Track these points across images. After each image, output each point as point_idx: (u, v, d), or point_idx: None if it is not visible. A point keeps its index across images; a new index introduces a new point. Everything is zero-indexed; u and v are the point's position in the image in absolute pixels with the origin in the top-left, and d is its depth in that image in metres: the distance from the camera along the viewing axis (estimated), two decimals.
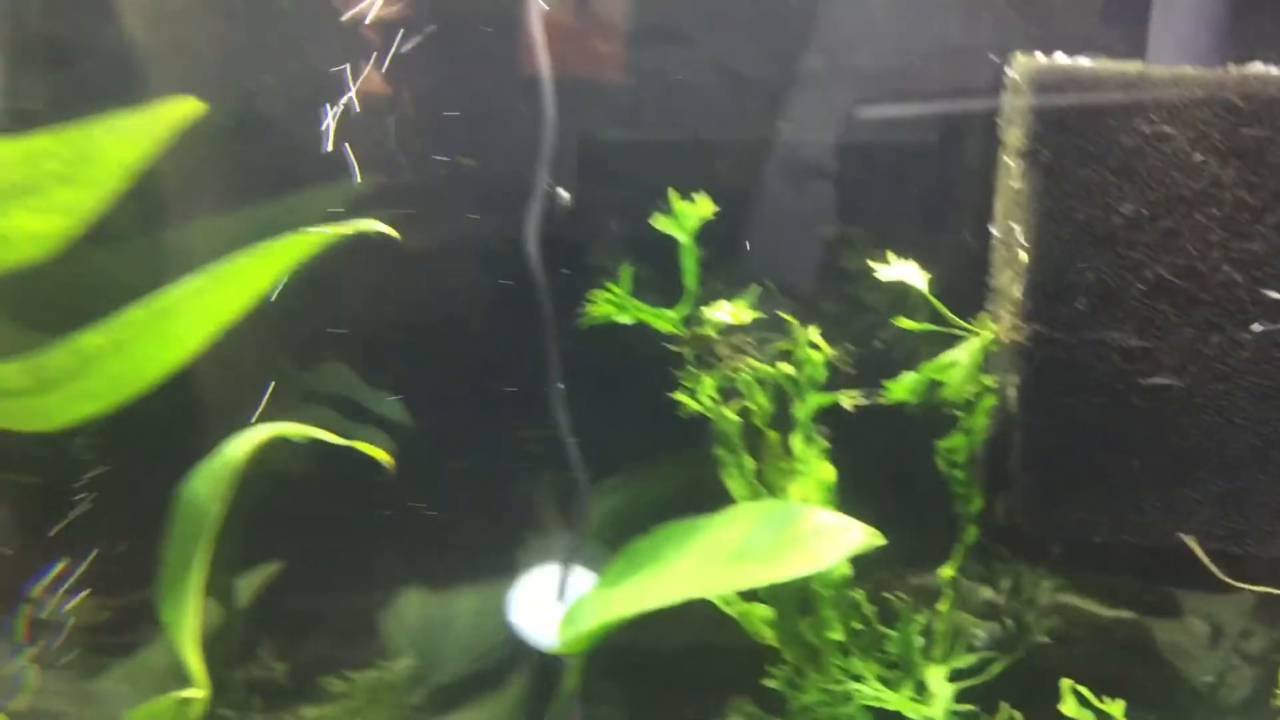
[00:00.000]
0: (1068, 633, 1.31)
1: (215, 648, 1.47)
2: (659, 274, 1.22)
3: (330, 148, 1.20)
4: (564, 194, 1.20)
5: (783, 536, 0.99)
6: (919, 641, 1.14)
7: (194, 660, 1.11)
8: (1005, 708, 1.10)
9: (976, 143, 1.19)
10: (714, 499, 1.17)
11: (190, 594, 1.11)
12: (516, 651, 1.38)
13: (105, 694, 1.41)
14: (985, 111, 1.16)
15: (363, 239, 1.26)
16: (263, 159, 1.31)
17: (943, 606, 1.15)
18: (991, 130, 1.15)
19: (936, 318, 1.07)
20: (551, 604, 1.24)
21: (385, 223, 1.05)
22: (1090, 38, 1.16)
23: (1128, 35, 1.16)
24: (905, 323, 1.05)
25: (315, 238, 1.06)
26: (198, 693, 1.04)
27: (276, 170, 1.29)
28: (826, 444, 1.12)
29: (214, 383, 1.35)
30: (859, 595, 1.14)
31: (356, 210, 1.19)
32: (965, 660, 1.15)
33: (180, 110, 0.88)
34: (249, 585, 1.46)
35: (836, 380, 1.13)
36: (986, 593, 1.24)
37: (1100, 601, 1.34)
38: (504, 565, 1.37)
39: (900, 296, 1.21)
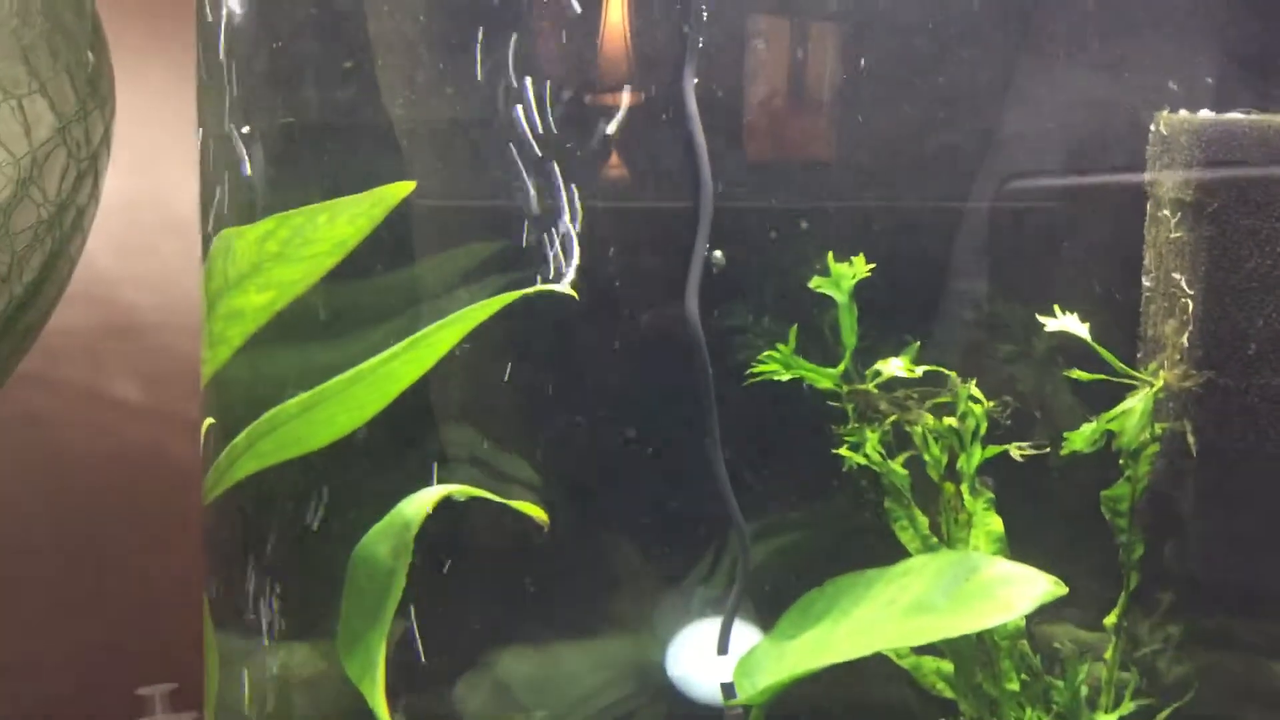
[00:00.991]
0: (1228, 680, 1.30)
1: (337, 697, 1.50)
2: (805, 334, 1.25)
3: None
4: (719, 256, 1.24)
5: (966, 587, 1.01)
6: (1084, 691, 1.15)
7: (383, 711, 1.15)
8: None
9: (1120, 199, 1.22)
10: (863, 552, 1.19)
11: (378, 649, 1.15)
12: (646, 705, 1.40)
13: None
14: (1129, 167, 1.19)
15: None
16: None
17: (1108, 655, 1.16)
18: (1137, 188, 1.18)
19: (1099, 368, 1.09)
20: (711, 658, 1.26)
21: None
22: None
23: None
24: (1077, 374, 1.07)
25: (496, 304, 1.11)
26: None
27: None
28: (992, 495, 1.14)
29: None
30: (1024, 646, 1.15)
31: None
32: (1131, 708, 1.15)
33: (397, 194, 0.93)
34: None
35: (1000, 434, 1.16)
36: (1152, 642, 1.24)
37: (1226, 649, 1.33)
38: (634, 618, 1.39)
39: (1051, 352, 1.24)
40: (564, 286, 1.09)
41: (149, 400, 2.05)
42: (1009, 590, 0.98)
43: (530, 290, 1.13)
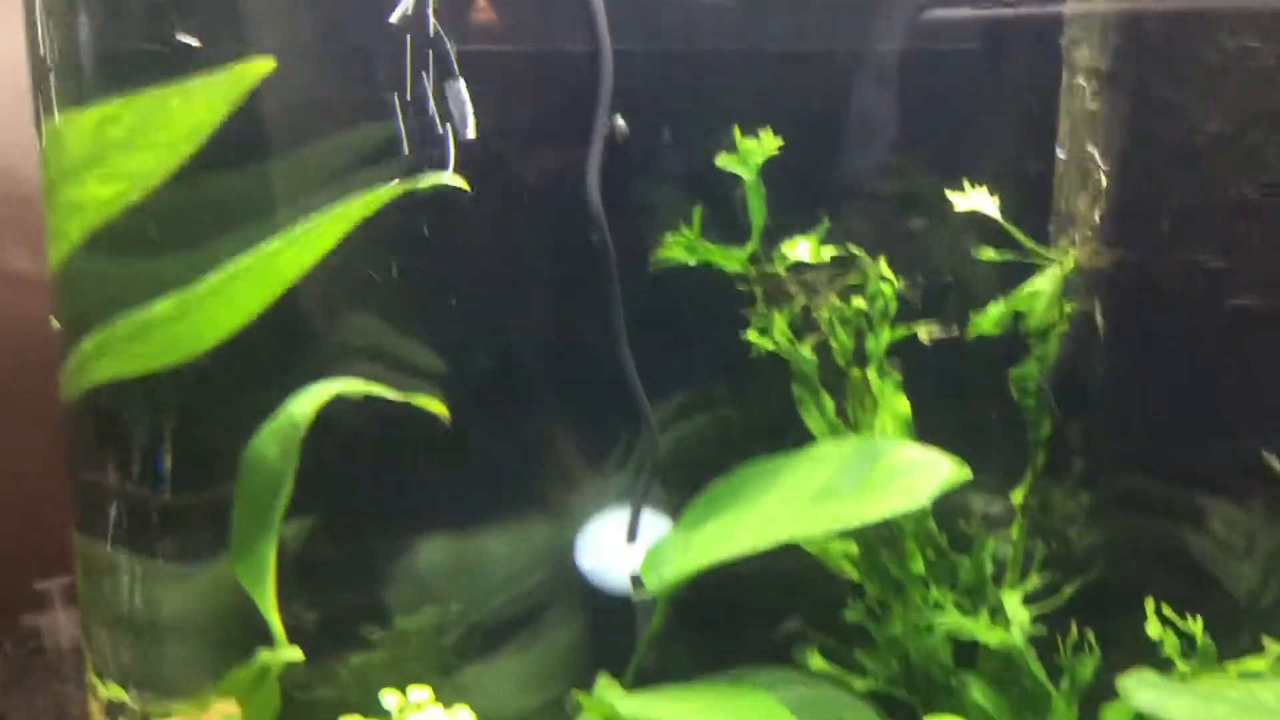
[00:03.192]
0: (1109, 549, 1.33)
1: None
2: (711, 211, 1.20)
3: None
4: (621, 124, 1.17)
5: (872, 474, 0.99)
6: (990, 568, 1.15)
7: (274, 619, 1.12)
8: (1074, 628, 1.11)
9: (1033, 64, 1.17)
10: (775, 438, 1.17)
11: (268, 555, 1.11)
12: (561, 592, 1.39)
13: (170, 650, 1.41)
14: (1041, 29, 1.14)
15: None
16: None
17: (1014, 532, 1.16)
18: (1053, 51, 1.13)
19: (1010, 245, 1.05)
20: (621, 547, 1.24)
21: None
22: None
23: None
24: (988, 254, 1.04)
25: (386, 194, 1.03)
26: (292, 654, 1.04)
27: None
28: (900, 378, 1.12)
29: (266, 341, 1.32)
30: (930, 524, 1.15)
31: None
32: (1037, 584, 1.17)
33: (255, 72, 0.85)
34: (287, 535, 1.45)
35: (906, 314, 1.13)
36: (1057, 517, 1.25)
37: (1136, 514, 1.35)
38: (544, 505, 1.36)
39: (961, 227, 1.20)
40: (453, 179, 1.01)
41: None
42: (913, 477, 0.97)
43: (417, 183, 1.05)
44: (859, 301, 1.11)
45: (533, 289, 1.30)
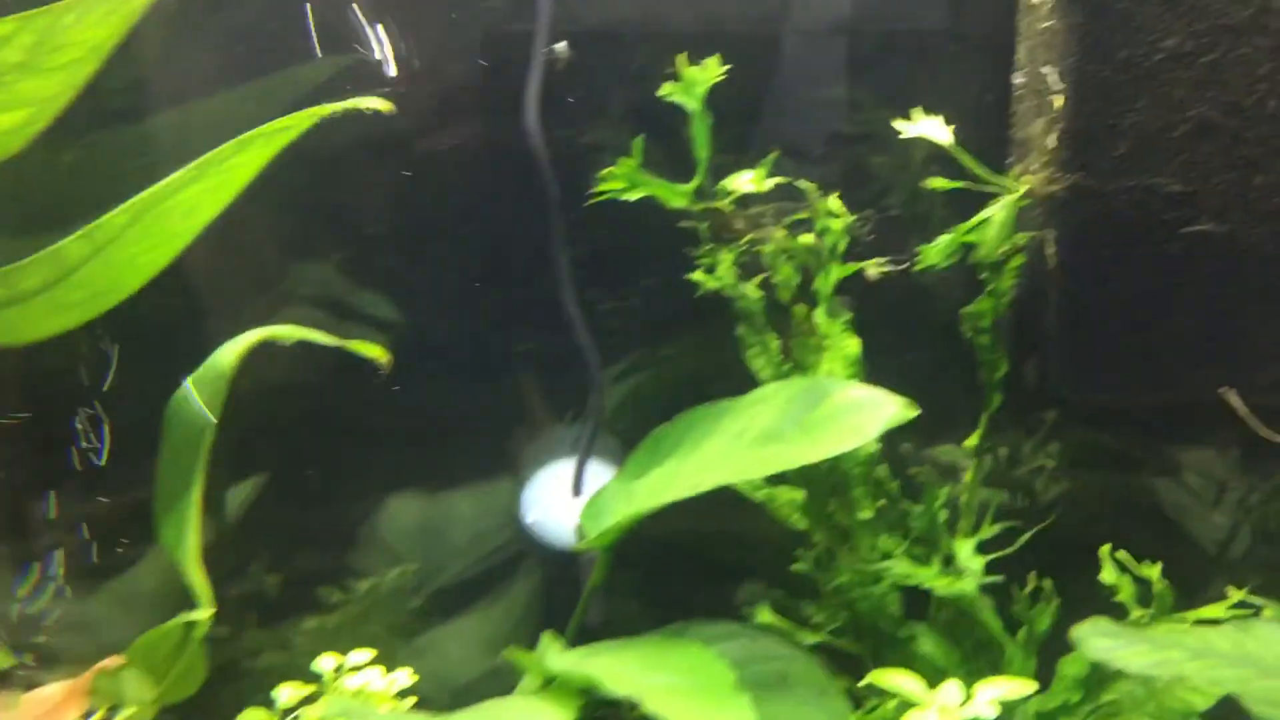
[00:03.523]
0: (1074, 499, 1.29)
1: (209, 564, 1.43)
2: (667, 151, 1.15)
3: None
4: (562, 48, 1.11)
5: (816, 414, 0.94)
6: (943, 515, 1.11)
7: (199, 579, 1.07)
8: (1032, 577, 1.07)
9: None
10: (730, 382, 1.12)
11: (190, 511, 1.05)
12: (522, 551, 1.35)
13: (100, 620, 1.37)
14: None
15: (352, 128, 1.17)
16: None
17: (968, 478, 1.12)
18: None
19: (964, 175, 1.00)
20: (567, 500, 1.20)
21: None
22: None
23: None
24: (936, 183, 0.99)
25: (302, 120, 0.97)
26: (204, 614, 1.00)
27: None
28: (850, 315, 1.07)
29: (202, 284, 1.27)
30: (882, 471, 1.11)
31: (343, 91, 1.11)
32: (991, 531, 1.12)
33: None
34: (237, 498, 1.41)
35: (857, 250, 1.08)
36: (1013, 461, 1.21)
37: (1101, 467, 1.32)
38: (507, 464, 1.32)
39: (909, 158, 1.15)
40: (378, 102, 0.95)
41: None
42: (858, 415, 0.92)
43: (340, 106, 0.99)
44: (807, 238, 1.06)
45: (474, 236, 1.25)
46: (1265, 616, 1.00)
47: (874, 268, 1.04)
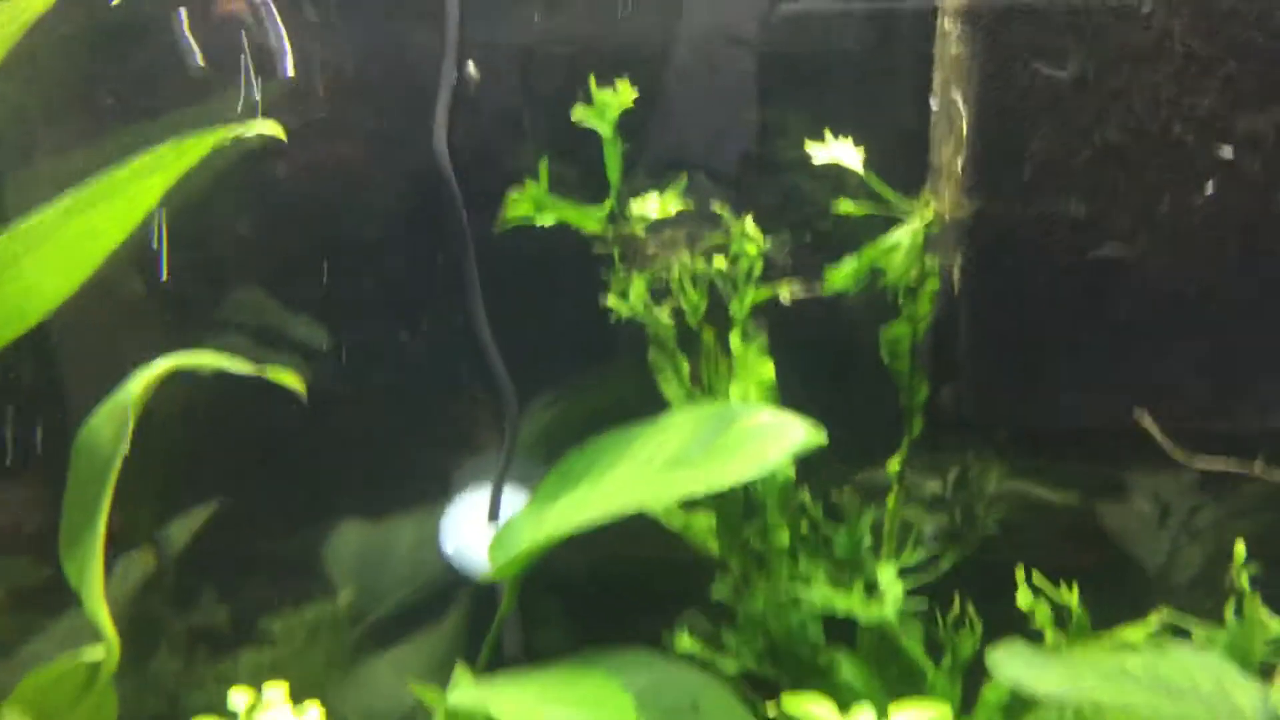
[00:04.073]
0: (1017, 522, 1.28)
1: (152, 596, 1.40)
2: (583, 176, 1.14)
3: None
4: (472, 71, 1.10)
5: (722, 440, 0.93)
6: (867, 540, 1.10)
7: (102, 615, 1.04)
8: (957, 601, 1.06)
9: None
10: (654, 408, 1.11)
11: (94, 544, 1.03)
12: (458, 579, 1.33)
13: (27, 658, 1.34)
14: None
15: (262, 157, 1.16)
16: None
17: (890, 502, 1.11)
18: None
19: (877, 201, 1.00)
20: (485, 528, 1.18)
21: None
22: None
23: None
24: (845, 206, 0.98)
25: (204, 142, 0.96)
26: (98, 653, 0.97)
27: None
28: (764, 340, 1.07)
29: (108, 324, 1.26)
30: (804, 496, 1.10)
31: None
32: (914, 556, 1.12)
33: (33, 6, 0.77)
34: (183, 529, 1.39)
35: (774, 275, 1.08)
36: (934, 486, 1.20)
37: (1048, 488, 1.31)
38: (442, 491, 1.31)
39: (839, 183, 1.15)
40: (269, 126, 0.94)
41: None
42: (764, 441, 0.91)
43: (242, 130, 0.98)
44: (720, 262, 1.05)
45: (383, 259, 1.24)
46: (1193, 639, 1.00)
47: (787, 291, 1.03)
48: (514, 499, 1.18)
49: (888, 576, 1.07)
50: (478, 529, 1.17)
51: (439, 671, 1.37)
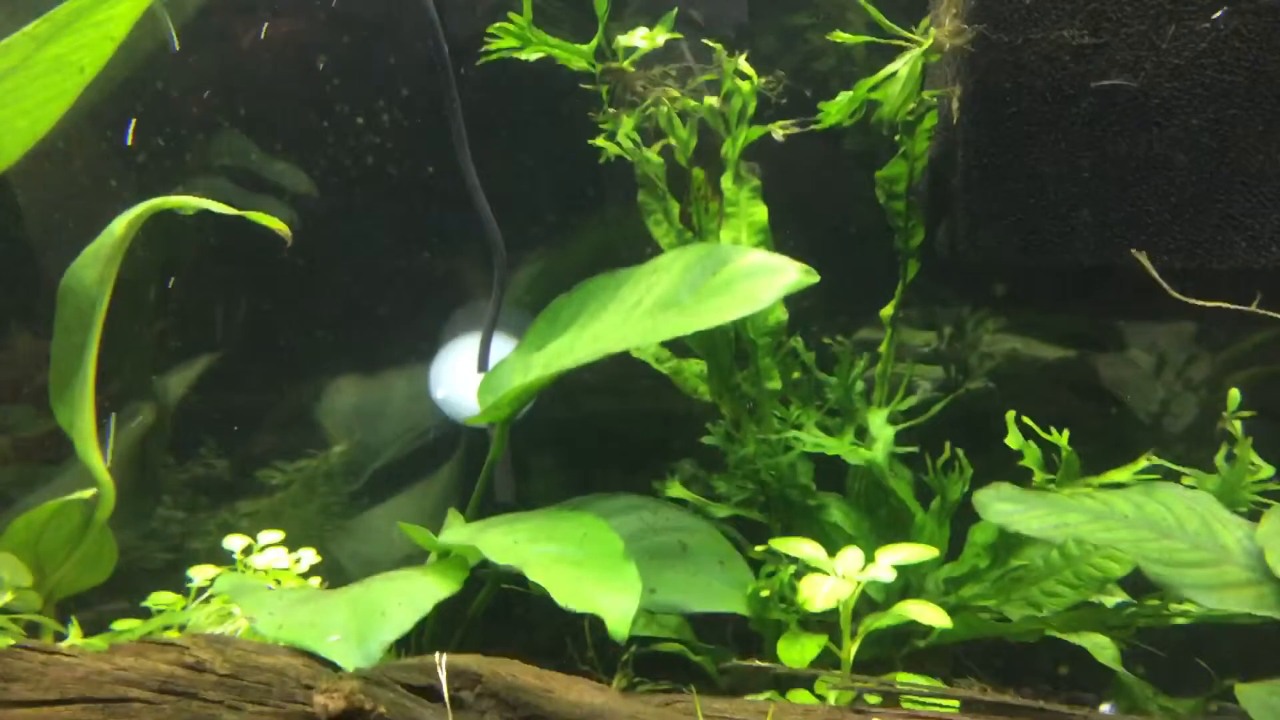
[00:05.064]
0: (1015, 374, 1.27)
1: (153, 447, 1.41)
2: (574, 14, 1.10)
3: None
4: None
5: (713, 281, 0.92)
6: (859, 386, 1.09)
7: (95, 460, 1.04)
8: (948, 447, 1.06)
9: None
10: (643, 254, 1.09)
11: (84, 387, 1.03)
12: (454, 431, 1.34)
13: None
14: None
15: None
16: None
17: (883, 348, 1.10)
18: None
19: (875, 30, 0.96)
20: (474, 375, 1.18)
21: None
22: None
23: None
24: (840, 36, 0.94)
25: None
26: (87, 494, 0.98)
27: None
28: (758, 182, 1.04)
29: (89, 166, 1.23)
30: (797, 343, 1.09)
31: None
32: (907, 403, 1.11)
33: None
34: (181, 382, 1.39)
35: (770, 114, 1.04)
36: (930, 338, 1.19)
37: (1045, 341, 1.30)
38: (434, 343, 1.30)
39: (839, 22, 1.11)
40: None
41: None
42: (755, 281, 0.89)
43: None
44: (712, 101, 1.02)
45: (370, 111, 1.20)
46: (1184, 483, 1.00)
47: (781, 130, 1.00)
48: (504, 347, 1.17)
49: (878, 421, 1.06)
50: (467, 376, 1.16)
51: (434, 519, 1.38)
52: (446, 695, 0.62)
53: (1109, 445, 1.18)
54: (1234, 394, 1.00)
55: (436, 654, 0.64)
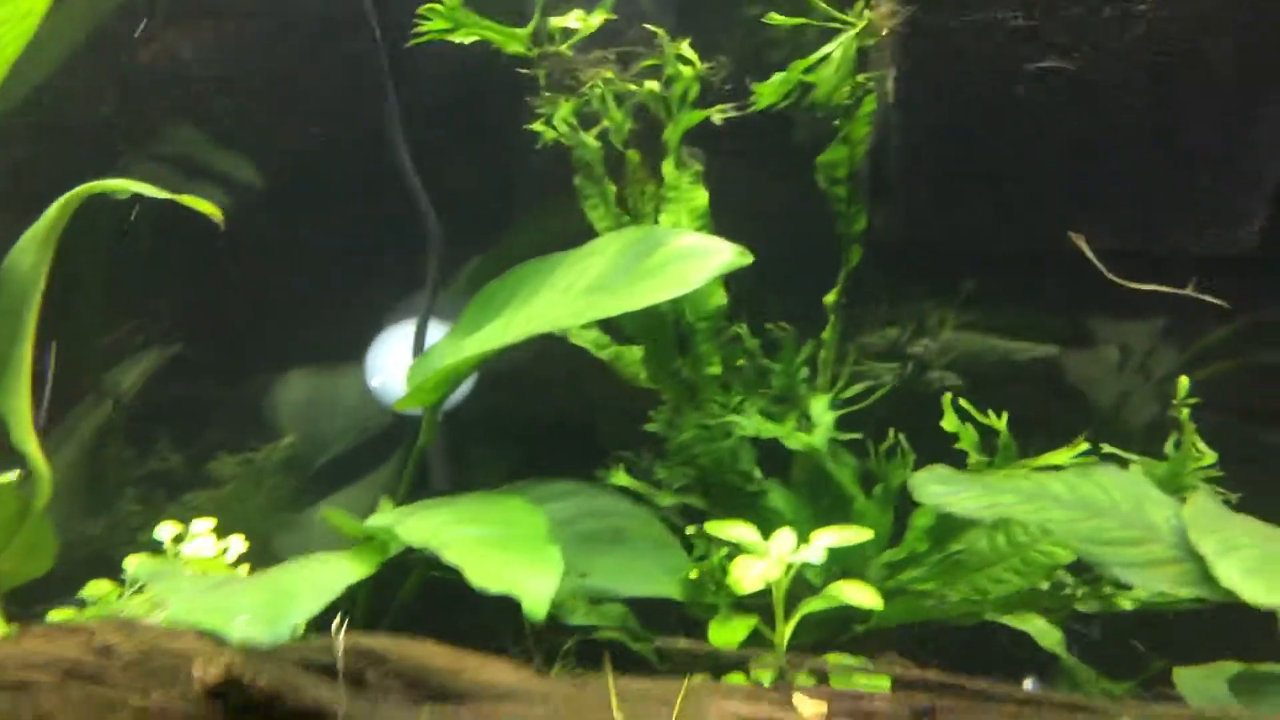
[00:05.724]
0: (979, 370, 1.27)
1: (108, 442, 1.40)
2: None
3: None
4: None
5: (647, 263, 0.91)
6: (803, 373, 1.09)
7: (30, 444, 1.03)
8: (893, 433, 1.05)
9: None
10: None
11: (20, 372, 1.02)
12: (401, 424, 1.33)
13: None
14: None
15: None
16: None
17: (825, 335, 1.09)
18: None
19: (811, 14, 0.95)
20: (409, 363, 1.17)
21: None
22: None
23: None
24: (775, 18, 0.94)
25: None
26: (7, 477, 0.96)
27: None
28: (700, 168, 1.03)
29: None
30: (741, 329, 1.08)
31: None
32: (850, 391, 1.11)
33: None
34: (133, 374, 1.39)
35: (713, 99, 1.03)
36: (893, 333, 1.18)
37: (1012, 336, 1.29)
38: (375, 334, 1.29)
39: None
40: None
41: None
42: (689, 263, 0.89)
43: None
44: (653, 86, 1.01)
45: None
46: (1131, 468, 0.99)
47: (720, 114, 0.99)
48: (438, 335, 1.17)
49: (819, 407, 1.06)
50: (403, 364, 1.15)
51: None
52: (340, 671, 0.62)
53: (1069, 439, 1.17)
54: (1183, 381, 0.99)
55: (333, 633, 0.63)
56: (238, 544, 1.02)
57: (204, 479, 1.36)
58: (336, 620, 0.64)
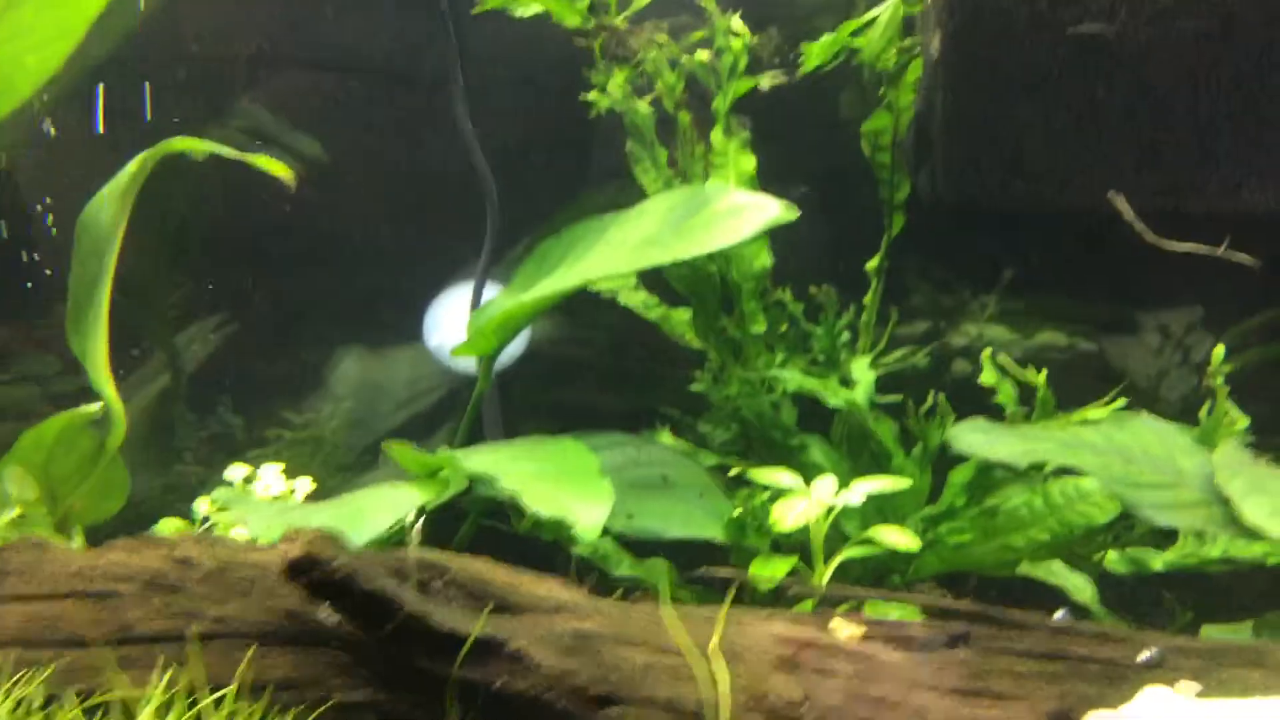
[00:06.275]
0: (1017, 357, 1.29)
1: (171, 404, 1.46)
2: None
3: None
4: None
5: (697, 219, 0.95)
6: (844, 335, 1.12)
7: (108, 387, 1.09)
8: (931, 395, 1.08)
9: None
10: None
11: (98, 318, 1.07)
12: (454, 401, 1.37)
13: None
14: None
15: None
16: None
17: (867, 299, 1.13)
18: None
19: None
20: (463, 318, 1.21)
21: None
22: None
23: None
24: None
25: None
26: (91, 408, 1.01)
27: None
28: (748, 134, 1.07)
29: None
30: (785, 295, 1.12)
31: None
32: (893, 357, 1.14)
33: None
34: (201, 345, 1.45)
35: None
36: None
37: (1051, 323, 1.32)
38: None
39: None
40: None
41: None
42: (737, 217, 0.93)
43: None
44: (703, 55, 1.05)
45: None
46: None
47: (768, 80, 1.03)
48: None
49: (860, 367, 1.09)
50: (461, 319, 1.20)
51: None
52: (412, 563, 0.66)
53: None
54: (1219, 350, 1.02)
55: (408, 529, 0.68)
56: (305, 484, 1.07)
57: (261, 443, 1.41)
58: (410, 515, 0.68)
